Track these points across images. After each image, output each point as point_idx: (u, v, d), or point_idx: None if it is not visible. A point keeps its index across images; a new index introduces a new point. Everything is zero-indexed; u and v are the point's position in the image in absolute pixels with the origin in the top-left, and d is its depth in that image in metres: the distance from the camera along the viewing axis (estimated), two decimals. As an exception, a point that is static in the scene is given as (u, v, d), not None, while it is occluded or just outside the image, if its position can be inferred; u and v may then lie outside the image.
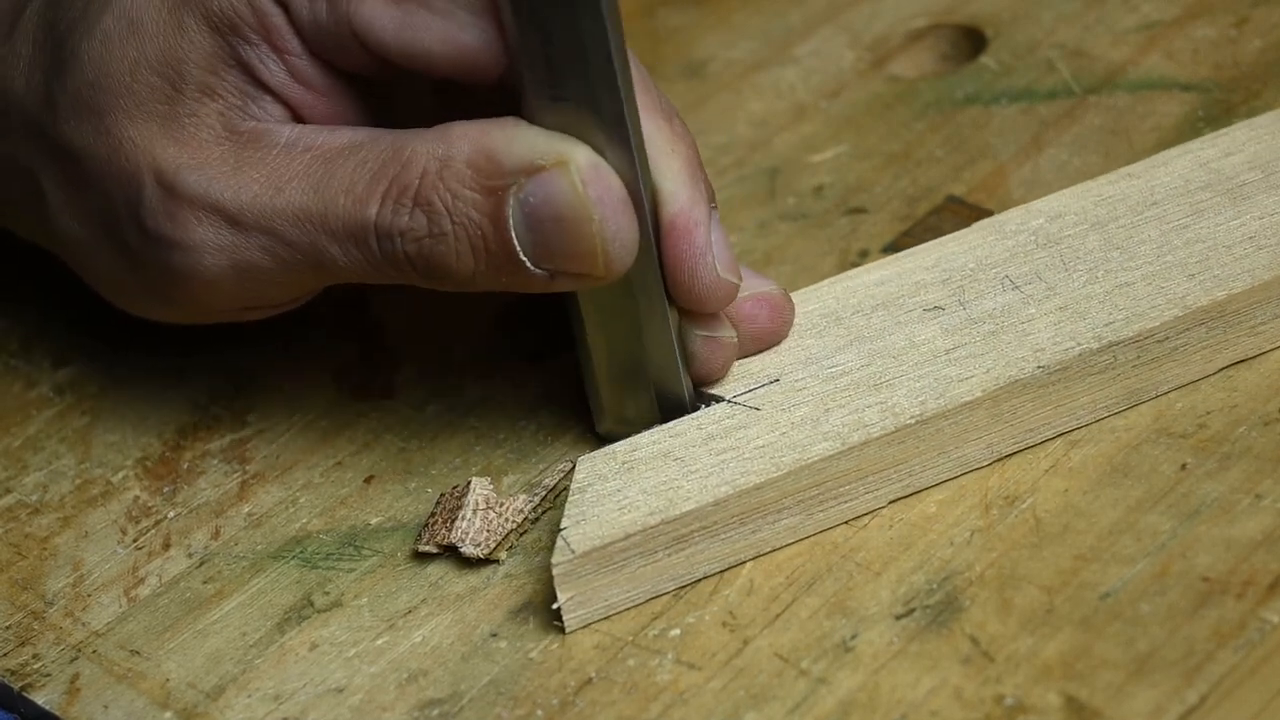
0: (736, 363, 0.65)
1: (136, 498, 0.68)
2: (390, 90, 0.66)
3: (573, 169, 0.60)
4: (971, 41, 0.81)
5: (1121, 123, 0.75)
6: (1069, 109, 0.76)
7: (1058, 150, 0.74)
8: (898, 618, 0.60)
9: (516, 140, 0.60)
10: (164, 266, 0.64)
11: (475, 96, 0.63)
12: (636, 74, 0.62)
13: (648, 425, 0.64)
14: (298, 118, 0.64)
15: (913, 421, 0.62)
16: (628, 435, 0.64)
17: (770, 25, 0.84)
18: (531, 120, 0.61)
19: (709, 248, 0.62)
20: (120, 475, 0.69)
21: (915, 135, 0.77)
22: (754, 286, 0.65)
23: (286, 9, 0.62)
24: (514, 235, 0.60)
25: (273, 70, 0.63)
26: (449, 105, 0.63)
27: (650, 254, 0.62)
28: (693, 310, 0.64)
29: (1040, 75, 0.78)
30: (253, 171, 0.63)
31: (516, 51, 0.60)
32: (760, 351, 0.65)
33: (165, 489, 0.68)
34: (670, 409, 0.64)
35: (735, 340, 0.65)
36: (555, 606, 0.61)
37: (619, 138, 0.60)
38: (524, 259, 0.61)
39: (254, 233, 0.63)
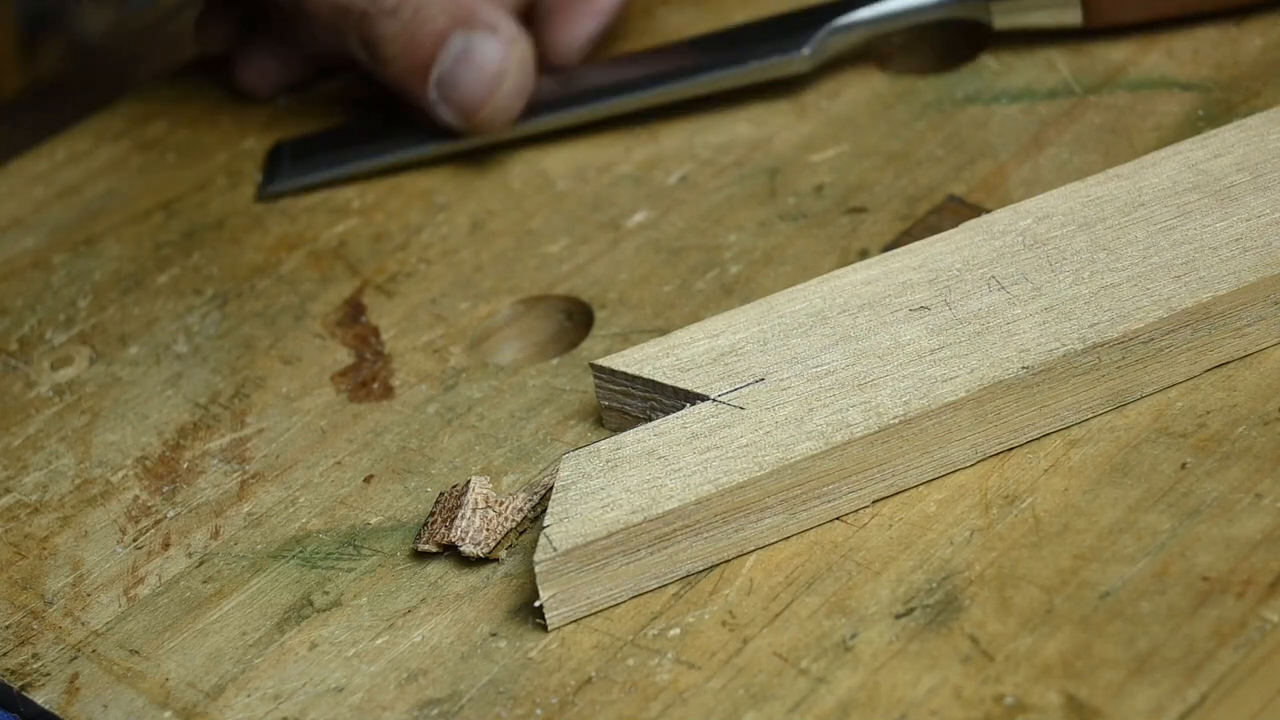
0: (722, 362, 0.65)
1: (136, 497, 0.68)
2: None
3: (517, 47, 0.77)
4: (971, 41, 0.81)
5: (1122, 122, 0.75)
6: (1069, 108, 0.76)
7: (1058, 150, 0.74)
8: (897, 617, 0.59)
9: (490, 9, 0.77)
10: None
11: None
12: None
13: None
14: None
15: (896, 421, 0.62)
16: None
17: (770, 25, 0.84)
18: None
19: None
20: (120, 475, 0.69)
21: (915, 135, 0.77)
22: None
23: None
24: (442, 58, 0.77)
25: None
26: None
27: None
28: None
29: (1040, 75, 0.78)
30: None
31: None
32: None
33: (165, 489, 0.68)
34: None
35: None
36: (537, 604, 0.61)
37: None
38: (433, 79, 0.77)
39: None
